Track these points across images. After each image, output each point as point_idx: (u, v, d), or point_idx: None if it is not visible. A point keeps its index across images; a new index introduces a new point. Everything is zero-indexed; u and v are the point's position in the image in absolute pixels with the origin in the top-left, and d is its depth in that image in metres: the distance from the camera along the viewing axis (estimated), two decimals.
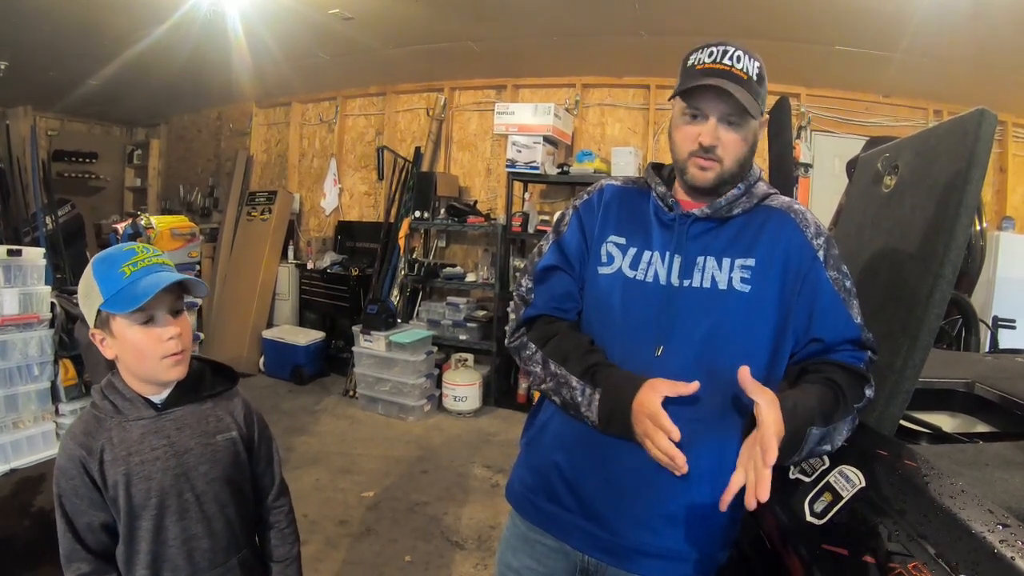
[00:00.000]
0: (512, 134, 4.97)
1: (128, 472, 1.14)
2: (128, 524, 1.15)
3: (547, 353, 1.21)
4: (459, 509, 3.31)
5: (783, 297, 1.13)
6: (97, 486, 1.14)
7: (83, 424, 1.17)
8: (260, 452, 1.35)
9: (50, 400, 2.67)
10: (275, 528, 1.37)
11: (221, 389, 1.30)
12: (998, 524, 0.83)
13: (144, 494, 1.15)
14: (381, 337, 4.81)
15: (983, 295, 4.25)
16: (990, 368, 1.90)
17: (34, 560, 2.48)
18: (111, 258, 1.16)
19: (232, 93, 6.56)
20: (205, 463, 1.21)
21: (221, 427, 1.26)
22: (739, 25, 3.94)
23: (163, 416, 1.19)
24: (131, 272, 1.12)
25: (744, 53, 1.13)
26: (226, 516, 1.24)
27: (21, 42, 4.96)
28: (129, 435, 1.16)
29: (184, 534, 1.18)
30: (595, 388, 1.12)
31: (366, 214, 6.47)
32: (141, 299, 1.09)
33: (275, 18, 4.39)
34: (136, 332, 1.13)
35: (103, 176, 7.90)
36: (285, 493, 1.42)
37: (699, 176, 1.16)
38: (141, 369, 1.17)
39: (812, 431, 1.04)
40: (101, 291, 1.12)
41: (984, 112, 1.21)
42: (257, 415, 1.36)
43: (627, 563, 1.16)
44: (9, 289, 2.53)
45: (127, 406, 1.18)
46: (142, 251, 1.17)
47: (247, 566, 1.29)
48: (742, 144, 1.15)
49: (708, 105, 1.12)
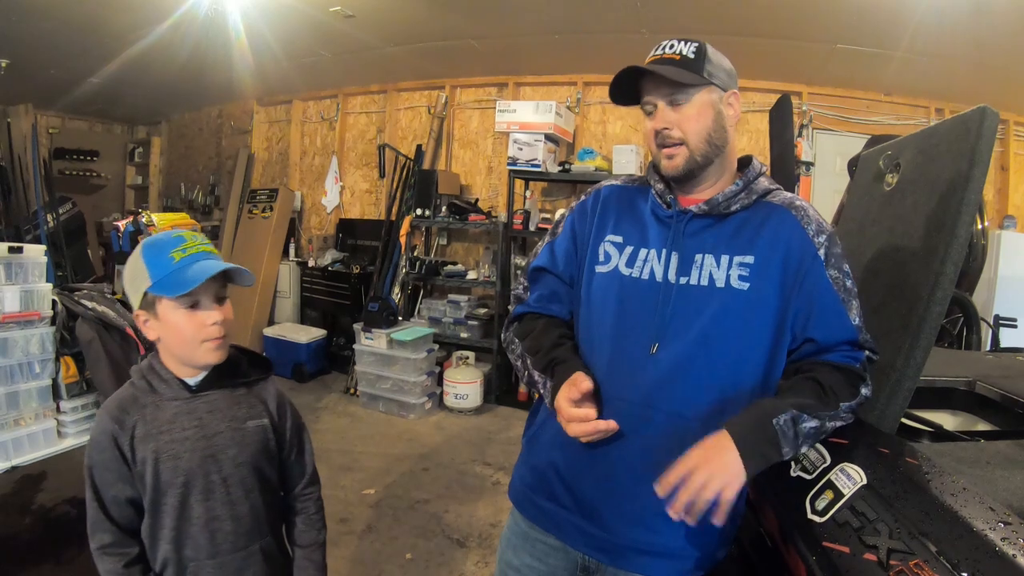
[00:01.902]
0: (513, 132, 4.97)
1: (157, 450, 1.18)
2: (153, 500, 1.19)
3: (524, 347, 1.26)
4: (460, 507, 3.31)
5: (782, 295, 1.12)
6: (126, 461, 1.18)
7: (118, 400, 1.22)
8: (291, 441, 1.38)
9: (51, 397, 2.68)
10: (303, 514, 1.40)
11: (256, 377, 1.34)
12: (999, 522, 0.83)
13: (171, 472, 1.18)
14: (382, 335, 4.81)
15: (984, 294, 4.25)
16: (991, 367, 1.90)
17: (35, 558, 2.48)
18: (161, 243, 1.20)
19: (233, 91, 6.56)
20: (233, 447, 1.25)
21: (252, 414, 1.30)
22: (740, 23, 3.93)
23: (196, 398, 1.23)
24: (180, 258, 1.17)
25: (680, 40, 1.14)
26: (251, 501, 1.27)
27: (22, 40, 4.96)
28: (162, 414, 1.20)
29: (208, 515, 1.21)
30: (551, 381, 1.17)
31: (367, 212, 6.47)
32: (190, 285, 1.14)
33: (276, 16, 4.39)
34: (181, 316, 1.17)
35: (104, 174, 7.91)
36: (315, 482, 1.44)
37: (668, 165, 1.17)
38: (182, 351, 1.21)
39: (781, 419, 1.04)
40: (150, 274, 1.16)
41: (986, 110, 1.20)
42: (291, 406, 1.40)
43: (623, 561, 1.16)
44: (10, 286, 2.53)
45: (163, 386, 1.22)
46: (191, 238, 1.22)
47: (268, 555, 1.31)
48: (697, 119, 1.14)
49: (649, 93, 1.16)
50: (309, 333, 5.76)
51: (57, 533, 2.70)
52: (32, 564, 2.44)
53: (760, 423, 1.04)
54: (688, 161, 1.15)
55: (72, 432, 2.74)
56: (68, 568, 2.44)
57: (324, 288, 6.04)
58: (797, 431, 1.06)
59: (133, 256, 1.20)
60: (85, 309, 2.70)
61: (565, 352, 1.20)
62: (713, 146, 1.16)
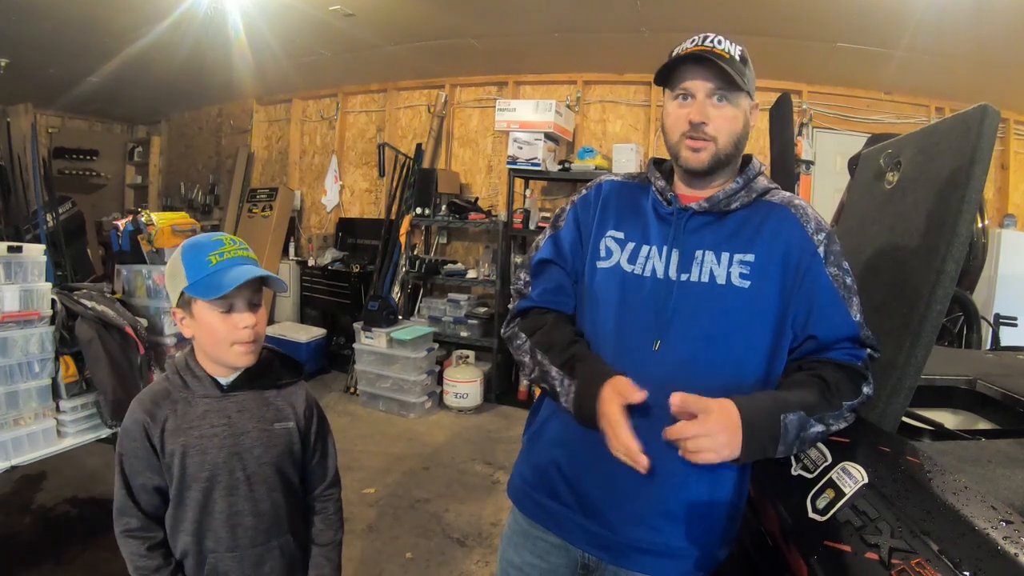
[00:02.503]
0: (513, 131, 4.96)
1: (186, 444, 1.22)
2: (179, 491, 1.23)
3: (534, 343, 1.23)
4: (460, 506, 3.31)
5: (783, 293, 1.12)
6: (156, 451, 1.22)
7: (152, 393, 1.26)
8: (315, 446, 1.41)
9: (51, 397, 2.67)
10: (322, 514, 1.44)
11: (287, 381, 1.37)
12: (1002, 521, 0.83)
13: (198, 466, 1.22)
14: (382, 334, 4.81)
15: (984, 292, 4.25)
16: (992, 365, 1.90)
17: (35, 557, 2.48)
18: (200, 245, 1.23)
19: (233, 90, 6.57)
20: (259, 446, 1.28)
21: (280, 416, 1.33)
22: (740, 22, 3.93)
23: (227, 397, 1.27)
24: (217, 261, 1.20)
25: (725, 38, 1.13)
26: (272, 499, 1.30)
27: (22, 39, 4.96)
28: (193, 410, 1.24)
29: (230, 509, 1.25)
30: (572, 380, 1.13)
31: (367, 211, 6.47)
32: (224, 289, 1.17)
33: (276, 15, 4.39)
34: (215, 317, 1.21)
35: (104, 173, 7.90)
36: (336, 484, 1.47)
37: (692, 158, 1.16)
38: (214, 351, 1.24)
39: (789, 417, 1.03)
40: (187, 275, 1.20)
41: (987, 108, 1.20)
42: (318, 410, 1.43)
43: (624, 560, 1.16)
44: (10, 286, 2.52)
45: (195, 383, 1.26)
46: (229, 243, 1.25)
47: (286, 552, 1.34)
48: (734, 121, 1.14)
49: (694, 84, 1.13)
50: (309, 332, 5.75)
51: (57, 533, 2.71)
52: (32, 564, 2.44)
53: (771, 416, 1.03)
54: (713, 157, 1.15)
55: (71, 432, 2.74)
56: (68, 567, 2.45)
57: (324, 287, 6.04)
58: (799, 434, 1.05)
59: (174, 255, 1.24)
60: (84, 308, 2.69)
61: (583, 349, 1.18)
62: (737, 150, 1.17)
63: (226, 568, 1.26)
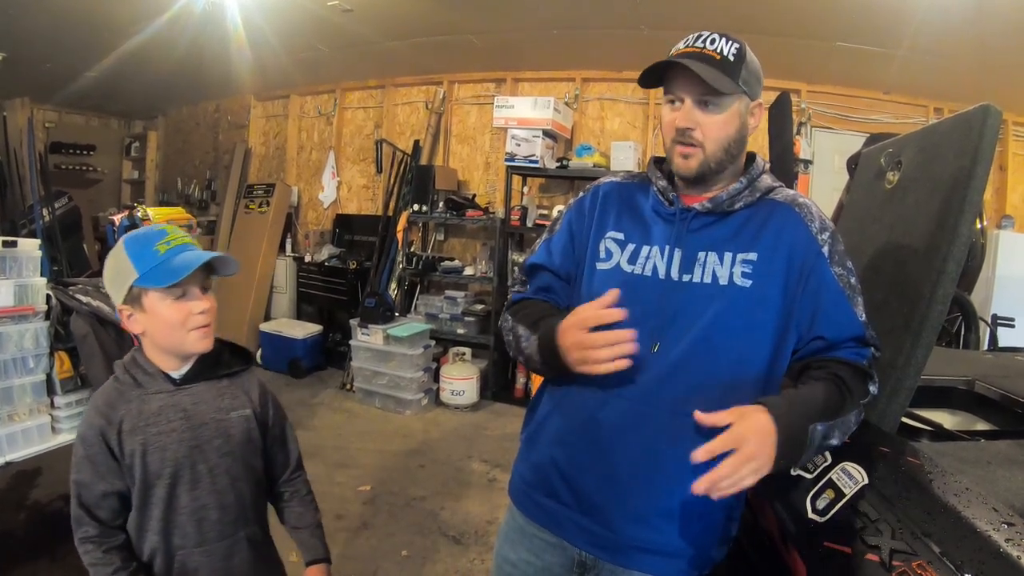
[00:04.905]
0: (511, 128, 4.95)
1: (145, 442, 1.20)
2: (142, 492, 1.22)
3: (516, 320, 1.26)
4: (456, 504, 3.31)
5: (786, 293, 1.11)
6: (115, 455, 1.20)
7: (105, 396, 1.24)
8: (274, 432, 1.41)
9: (45, 393, 2.66)
10: (296, 497, 1.45)
11: (238, 368, 1.37)
12: (1003, 522, 0.82)
13: (159, 464, 1.21)
14: (379, 330, 4.80)
15: (983, 293, 4.25)
16: (990, 366, 1.90)
17: (30, 554, 2.47)
18: (144, 237, 1.22)
19: (230, 86, 6.53)
20: (219, 437, 1.28)
21: (236, 404, 1.32)
22: (740, 20, 3.92)
23: (181, 391, 1.26)
24: (165, 250, 1.19)
25: (721, 36, 1.12)
26: (237, 490, 1.30)
27: (18, 34, 4.93)
28: (148, 407, 1.23)
29: (195, 504, 1.24)
30: (536, 332, 1.17)
31: (364, 207, 6.45)
32: (181, 274, 1.17)
33: (274, 10, 4.37)
34: (169, 306, 1.20)
35: (100, 168, 7.86)
36: (301, 467, 1.48)
37: (682, 165, 1.16)
38: (170, 341, 1.23)
39: (817, 428, 1.01)
40: (136, 268, 1.18)
41: (989, 108, 1.20)
42: (272, 397, 1.43)
43: (622, 559, 1.16)
44: (5, 281, 2.50)
45: (147, 380, 1.25)
46: (172, 231, 1.25)
47: (254, 542, 1.34)
48: (723, 127, 1.12)
49: (681, 88, 1.12)
50: (305, 328, 5.74)
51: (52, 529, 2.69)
52: (27, 560, 2.43)
53: (801, 426, 0.99)
54: (702, 165, 1.14)
55: (66, 428, 2.72)
56: (63, 564, 2.43)
57: (321, 283, 6.02)
58: (821, 444, 1.04)
59: (113, 253, 1.23)
60: (80, 304, 2.68)
61: (554, 312, 1.22)
62: (729, 155, 1.15)
63: (196, 564, 1.25)
